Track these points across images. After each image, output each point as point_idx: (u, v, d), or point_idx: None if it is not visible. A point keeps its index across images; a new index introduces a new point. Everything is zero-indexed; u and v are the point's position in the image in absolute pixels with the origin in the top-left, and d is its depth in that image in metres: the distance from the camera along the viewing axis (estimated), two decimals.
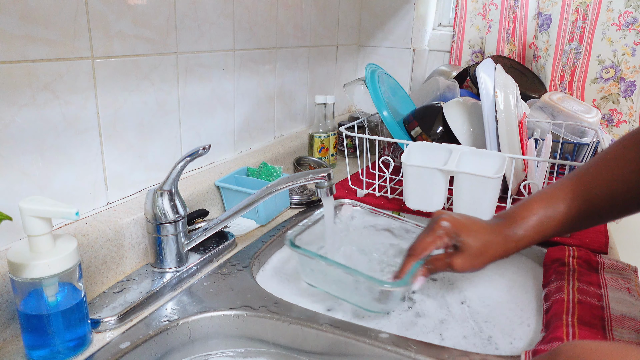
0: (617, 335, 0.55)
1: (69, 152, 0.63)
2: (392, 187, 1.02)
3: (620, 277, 0.67)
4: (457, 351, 0.54)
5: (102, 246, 0.64)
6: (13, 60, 0.55)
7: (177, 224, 0.67)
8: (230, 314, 0.61)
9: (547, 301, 0.64)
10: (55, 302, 0.50)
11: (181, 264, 0.69)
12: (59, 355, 0.51)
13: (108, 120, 0.68)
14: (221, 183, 0.88)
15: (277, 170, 0.94)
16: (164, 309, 0.61)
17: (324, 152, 1.18)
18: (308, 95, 1.25)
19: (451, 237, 0.62)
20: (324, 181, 0.65)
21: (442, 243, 0.62)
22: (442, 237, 0.62)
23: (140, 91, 0.73)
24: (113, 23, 0.66)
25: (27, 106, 0.57)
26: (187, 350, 0.60)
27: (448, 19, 1.57)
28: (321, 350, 0.59)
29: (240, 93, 0.97)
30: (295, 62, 1.17)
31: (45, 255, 0.48)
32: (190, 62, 0.82)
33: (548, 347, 0.52)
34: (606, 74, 1.28)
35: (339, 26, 1.36)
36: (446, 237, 0.62)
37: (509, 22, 1.38)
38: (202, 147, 0.64)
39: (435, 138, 1.02)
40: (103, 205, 0.70)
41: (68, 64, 0.61)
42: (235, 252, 0.77)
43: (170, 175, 0.65)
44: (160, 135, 0.79)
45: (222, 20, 0.88)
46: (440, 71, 1.43)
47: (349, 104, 1.53)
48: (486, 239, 0.62)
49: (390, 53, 1.49)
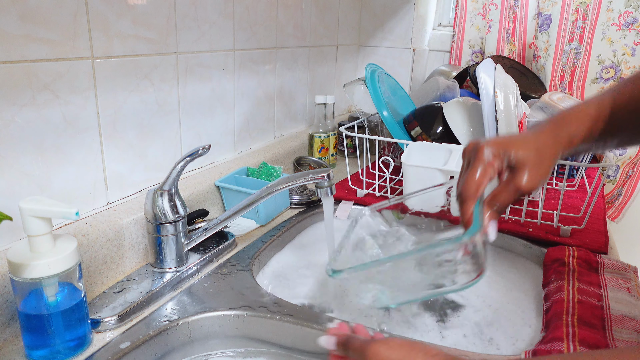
0: (617, 335, 0.55)
1: (69, 152, 0.63)
2: (392, 187, 1.02)
3: (620, 277, 0.67)
4: (457, 351, 0.54)
5: (102, 246, 0.64)
6: (13, 60, 0.55)
7: (177, 224, 0.67)
8: (230, 314, 0.61)
9: (547, 301, 0.64)
10: (55, 302, 0.50)
11: (181, 264, 0.69)
12: (59, 355, 0.51)
13: (108, 120, 0.68)
14: (221, 183, 0.88)
15: (277, 170, 0.94)
16: (164, 309, 0.61)
17: (324, 152, 1.18)
18: (308, 95, 1.25)
19: (502, 159, 0.53)
20: (324, 181, 0.65)
21: (493, 171, 0.53)
22: (492, 163, 0.53)
23: (140, 91, 0.73)
24: (113, 23, 0.66)
25: (27, 106, 0.57)
26: (187, 350, 0.60)
27: (448, 19, 1.57)
28: (321, 350, 0.59)
29: (240, 93, 0.97)
30: (295, 62, 1.17)
31: (45, 255, 0.48)
32: (190, 62, 0.82)
33: (548, 347, 0.52)
34: (606, 74, 1.28)
35: (339, 26, 1.36)
36: (496, 161, 0.53)
37: (509, 22, 1.38)
38: (202, 147, 0.64)
39: (435, 138, 1.02)
40: (103, 205, 0.70)
41: (68, 64, 0.61)
42: (235, 252, 0.77)
43: (170, 175, 0.65)
44: (160, 135, 0.79)
45: (222, 20, 0.88)
46: (440, 71, 1.43)
47: (349, 104, 1.53)
48: (537, 145, 0.54)
49: (390, 53, 1.49)
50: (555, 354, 0.51)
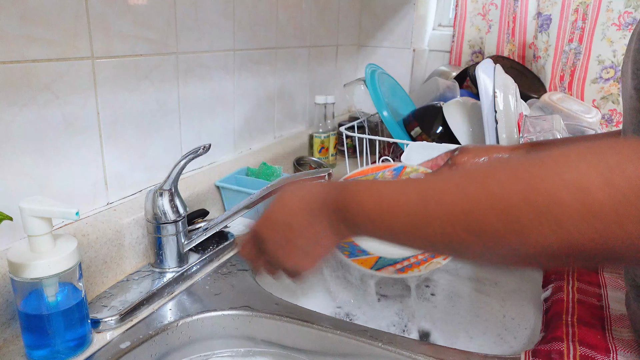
0: (617, 335, 0.55)
1: (69, 152, 0.63)
2: None
3: (620, 277, 0.67)
4: (457, 351, 0.54)
5: (102, 246, 0.64)
6: (13, 60, 0.55)
7: (177, 224, 0.67)
8: (230, 314, 0.61)
9: (546, 301, 0.64)
10: (56, 302, 0.50)
11: (181, 264, 0.69)
12: (59, 355, 0.51)
13: (108, 120, 0.68)
14: (221, 183, 0.88)
15: (277, 170, 0.94)
16: (164, 309, 0.61)
17: (324, 152, 1.18)
18: (308, 95, 1.25)
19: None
20: (324, 181, 0.65)
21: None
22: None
23: (140, 91, 0.73)
24: (113, 23, 0.66)
25: (27, 106, 0.57)
26: (187, 350, 0.60)
27: (448, 19, 1.57)
28: (321, 350, 0.59)
29: (240, 93, 0.97)
30: (295, 62, 1.17)
31: (45, 255, 0.48)
32: (191, 62, 0.82)
33: (548, 347, 0.52)
34: (606, 74, 1.28)
35: (339, 26, 1.36)
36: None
37: (509, 22, 1.38)
38: (202, 146, 0.64)
39: (435, 138, 1.02)
40: (103, 205, 0.70)
41: (68, 64, 0.61)
42: (235, 252, 0.77)
43: (170, 175, 0.65)
44: (160, 135, 0.79)
45: (222, 21, 0.88)
46: (440, 71, 1.43)
47: (349, 104, 1.53)
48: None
49: (390, 53, 1.49)
50: (555, 353, 0.51)
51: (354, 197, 0.45)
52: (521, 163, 0.35)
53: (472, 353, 0.54)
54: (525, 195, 0.33)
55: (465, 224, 0.35)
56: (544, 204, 0.32)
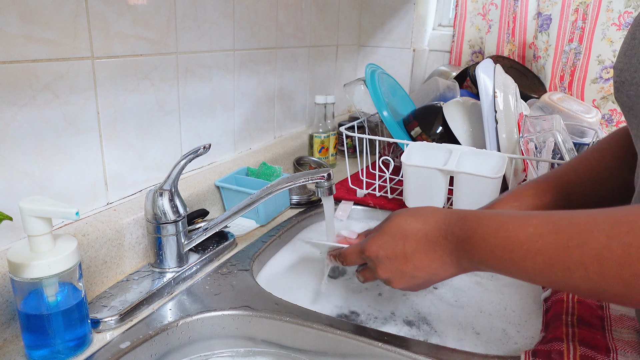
0: (617, 335, 0.55)
1: (69, 152, 0.63)
2: (392, 187, 1.02)
3: None
4: (457, 351, 0.54)
5: (102, 246, 0.64)
6: (13, 60, 0.55)
7: (177, 223, 0.67)
8: (230, 314, 0.61)
9: (547, 302, 0.64)
10: (56, 302, 0.50)
11: (181, 264, 0.69)
12: (59, 355, 0.51)
13: (108, 120, 0.68)
14: (221, 183, 0.88)
15: (277, 170, 0.94)
16: (164, 309, 0.61)
17: (324, 152, 1.18)
18: (308, 95, 1.25)
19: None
20: (324, 181, 0.65)
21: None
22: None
23: (140, 91, 0.73)
24: (113, 23, 0.66)
25: (27, 106, 0.57)
26: (187, 350, 0.60)
27: (448, 19, 1.57)
28: (321, 350, 0.59)
29: (240, 93, 0.97)
30: (295, 62, 1.17)
31: (45, 255, 0.48)
32: (191, 62, 0.82)
33: (548, 347, 0.52)
34: (606, 74, 1.28)
35: (339, 26, 1.36)
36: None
37: (509, 22, 1.38)
38: (202, 146, 0.64)
39: (435, 138, 1.02)
40: (103, 205, 0.70)
41: (68, 64, 0.61)
42: (235, 252, 0.77)
43: (170, 175, 0.65)
44: (160, 135, 0.79)
45: (222, 20, 0.88)
46: (440, 71, 1.43)
47: (349, 104, 1.53)
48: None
49: (390, 53, 1.49)
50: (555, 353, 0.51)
51: (476, 231, 0.44)
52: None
53: (472, 353, 0.54)
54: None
55: (618, 276, 0.34)
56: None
